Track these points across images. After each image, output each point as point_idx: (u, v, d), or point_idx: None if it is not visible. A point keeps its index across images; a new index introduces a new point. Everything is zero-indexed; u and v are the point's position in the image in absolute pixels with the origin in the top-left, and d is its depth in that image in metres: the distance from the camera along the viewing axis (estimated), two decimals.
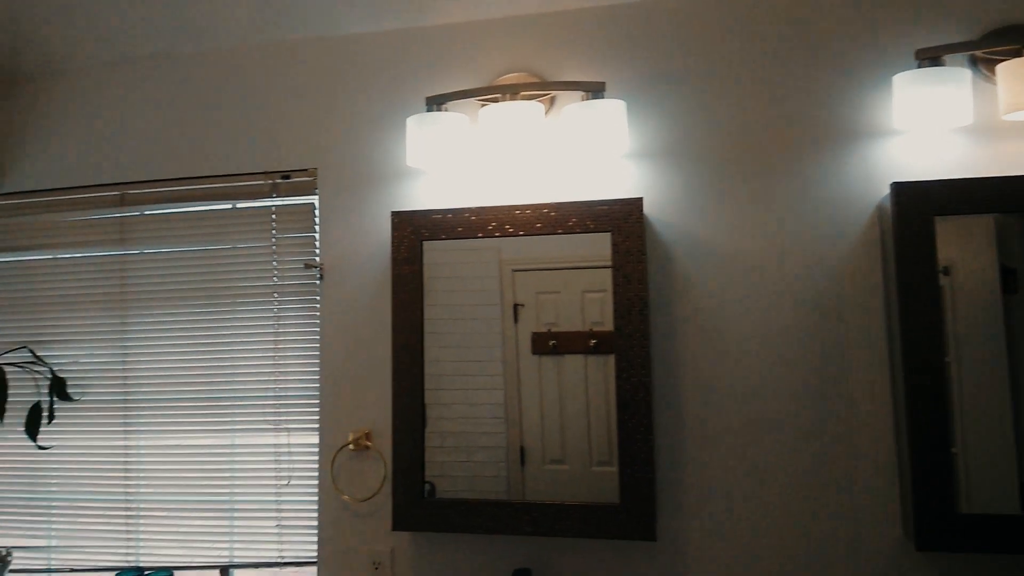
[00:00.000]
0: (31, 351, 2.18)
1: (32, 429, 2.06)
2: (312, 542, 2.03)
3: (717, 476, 1.79)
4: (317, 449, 2.03)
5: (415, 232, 1.90)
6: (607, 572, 1.82)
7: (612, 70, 1.92)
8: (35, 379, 2.22)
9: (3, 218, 2.32)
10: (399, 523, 1.86)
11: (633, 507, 1.74)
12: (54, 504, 2.23)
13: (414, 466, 1.86)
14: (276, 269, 2.10)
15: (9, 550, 2.24)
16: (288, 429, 2.07)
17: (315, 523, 2.02)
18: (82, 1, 2.03)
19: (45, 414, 2.10)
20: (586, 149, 1.80)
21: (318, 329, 2.05)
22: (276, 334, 2.09)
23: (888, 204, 1.70)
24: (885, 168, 1.76)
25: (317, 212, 2.07)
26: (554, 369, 1.83)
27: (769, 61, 1.84)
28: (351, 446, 1.98)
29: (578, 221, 1.82)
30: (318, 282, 2.05)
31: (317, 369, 2.05)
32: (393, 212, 1.92)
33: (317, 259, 2.06)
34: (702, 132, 1.86)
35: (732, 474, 1.78)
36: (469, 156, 1.89)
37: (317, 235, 2.06)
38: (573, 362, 1.82)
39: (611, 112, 1.78)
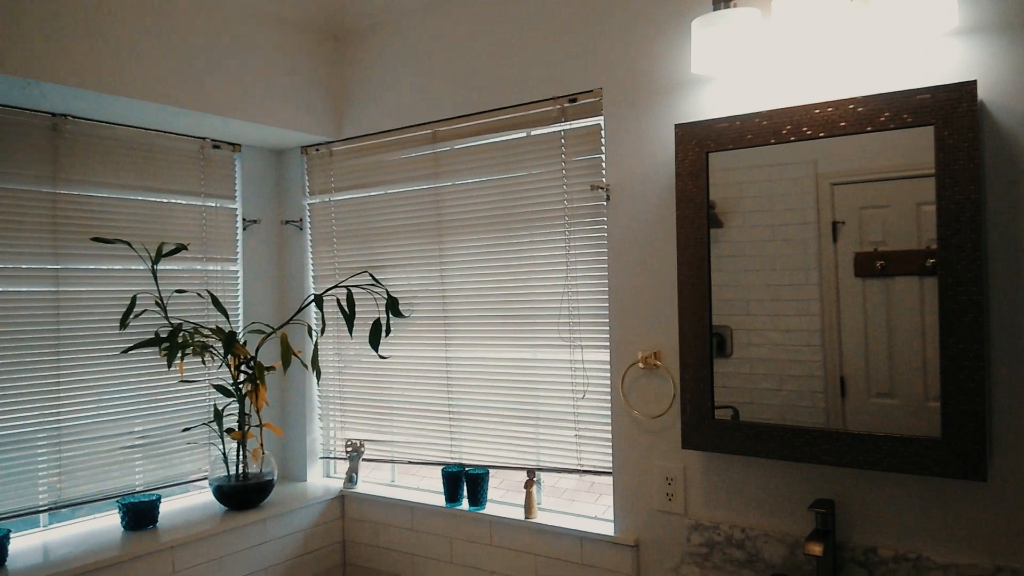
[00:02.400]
0: (371, 275, 2.53)
1: (374, 341, 2.41)
2: (607, 453, 2.10)
3: None
4: (608, 366, 2.08)
5: (699, 144, 1.81)
6: (924, 512, 1.62)
7: None
8: (375, 299, 2.58)
9: (344, 160, 2.70)
10: (688, 442, 1.84)
11: (956, 443, 1.51)
12: (394, 405, 2.60)
13: (702, 388, 1.82)
14: (566, 193, 2.16)
15: (362, 442, 2.68)
16: (581, 346, 2.15)
17: (609, 435, 2.09)
18: None
19: (383, 329, 2.44)
20: (902, 29, 1.54)
21: (606, 250, 2.07)
22: (567, 255, 2.17)
23: None
24: None
25: (603, 133, 2.07)
26: (881, 293, 1.63)
27: None
28: (640, 364, 1.99)
29: (892, 115, 1.58)
30: (605, 203, 2.06)
31: (606, 289, 2.08)
32: (676, 125, 1.84)
33: (604, 180, 2.07)
34: None
35: None
36: (760, 55, 1.73)
37: (603, 156, 2.07)
38: (905, 285, 1.60)
39: None
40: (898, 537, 1.65)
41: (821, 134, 1.66)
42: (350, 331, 2.43)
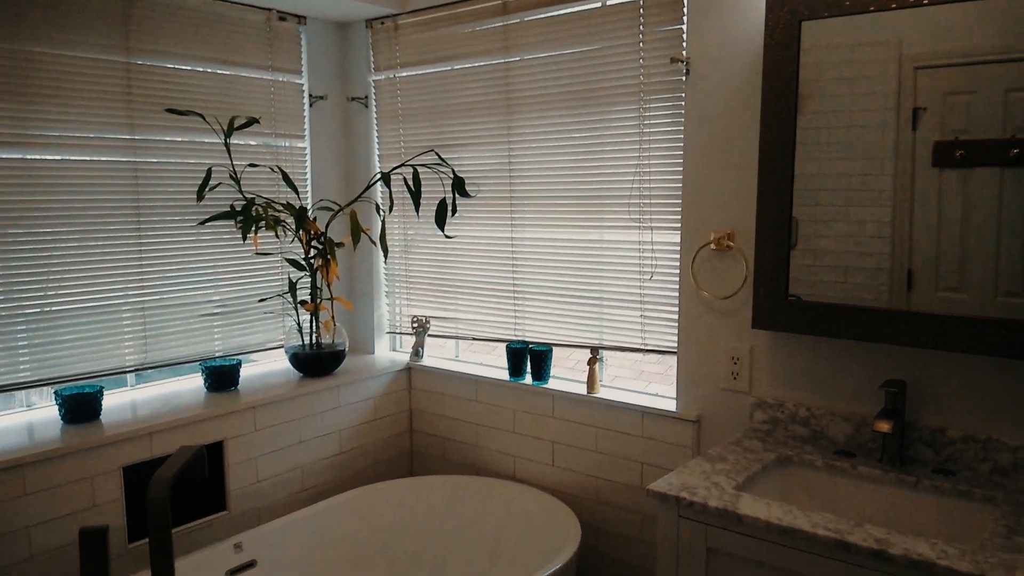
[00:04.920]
0: (437, 154, 2.52)
1: (440, 221, 2.43)
2: (672, 333, 2.13)
3: None
4: (678, 246, 2.07)
5: (792, 11, 1.71)
6: (996, 394, 1.62)
7: None
8: (440, 178, 2.58)
9: (410, 34, 2.64)
10: (759, 322, 1.85)
11: None
12: (459, 284, 2.65)
13: (777, 268, 1.80)
14: (642, 67, 2.09)
15: (428, 318, 2.75)
16: (651, 227, 2.14)
17: (675, 316, 2.11)
18: None
19: (449, 208, 2.46)
20: None
21: (682, 127, 2.02)
22: (641, 133, 2.12)
23: None
24: None
25: (686, 2, 1.97)
26: (958, 184, 1.57)
27: None
28: (712, 245, 1.98)
29: None
30: (684, 78, 1.99)
31: (680, 167, 2.04)
32: None
33: (684, 53, 1.99)
34: None
35: None
36: None
37: (685, 27, 1.98)
38: (985, 176, 1.54)
39: None
40: (968, 419, 1.66)
41: (925, 1, 1.55)
42: (416, 210, 2.44)
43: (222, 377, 2.37)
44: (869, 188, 1.68)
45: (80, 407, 2.07)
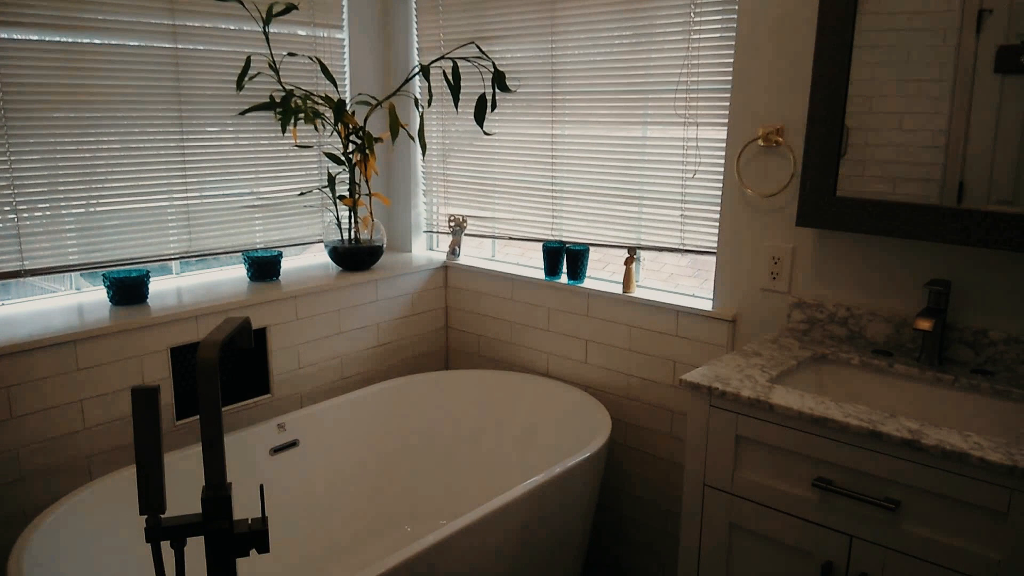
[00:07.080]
0: (477, 46, 2.46)
1: (480, 117, 2.39)
2: (712, 233, 2.10)
3: None
4: (724, 143, 2.02)
5: None
6: None
7: None
8: (481, 73, 2.53)
9: None
10: (804, 219, 1.81)
11: None
12: (497, 183, 2.63)
13: (827, 161, 1.75)
14: None
15: (464, 217, 2.75)
16: (696, 123, 2.08)
17: (716, 215, 2.07)
18: None
19: (489, 104, 2.42)
20: None
21: (735, 18, 1.93)
22: (690, 23, 2.04)
23: None
24: None
25: None
26: (1020, 90, 1.49)
27: None
28: (760, 141, 1.92)
29: None
30: None
31: (730, 61, 1.97)
32: None
33: None
34: None
35: None
36: None
37: None
38: None
39: None
40: (1011, 321, 1.63)
41: None
42: (456, 105, 2.41)
43: (264, 267, 2.41)
44: (926, 95, 1.61)
45: (128, 290, 2.13)
